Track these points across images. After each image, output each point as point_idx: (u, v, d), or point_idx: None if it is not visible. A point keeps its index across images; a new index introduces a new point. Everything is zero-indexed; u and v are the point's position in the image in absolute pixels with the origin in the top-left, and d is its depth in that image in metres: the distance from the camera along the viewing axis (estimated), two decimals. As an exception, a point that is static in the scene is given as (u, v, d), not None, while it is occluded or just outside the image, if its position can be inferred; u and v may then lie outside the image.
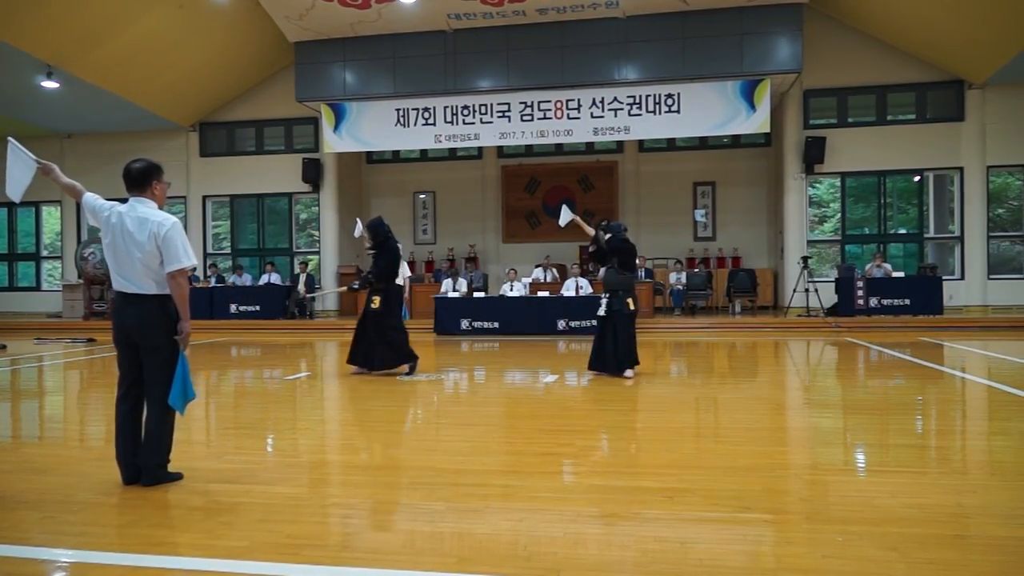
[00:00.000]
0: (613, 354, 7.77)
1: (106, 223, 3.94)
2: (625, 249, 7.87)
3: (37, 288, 20.60)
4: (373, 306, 8.11)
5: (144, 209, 3.91)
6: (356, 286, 8.61)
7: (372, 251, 8.33)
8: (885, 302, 14.27)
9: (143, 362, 3.94)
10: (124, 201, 4.01)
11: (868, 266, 15.27)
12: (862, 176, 16.96)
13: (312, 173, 17.91)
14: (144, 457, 3.92)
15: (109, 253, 3.93)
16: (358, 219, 9.63)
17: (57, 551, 3.06)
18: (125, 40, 14.81)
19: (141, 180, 3.98)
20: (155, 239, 3.83)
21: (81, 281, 17.18)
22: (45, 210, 20.66)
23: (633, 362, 7.80)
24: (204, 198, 19.23)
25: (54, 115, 17.90)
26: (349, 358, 8.23)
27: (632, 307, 7.78)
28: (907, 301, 14.23)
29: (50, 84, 15.30)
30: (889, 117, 16.59)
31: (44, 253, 20.81)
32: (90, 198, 4.04)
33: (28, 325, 16.24)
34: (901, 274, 14.79)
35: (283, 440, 5.31)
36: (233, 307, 16.07)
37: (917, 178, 16.79)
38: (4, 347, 11.95)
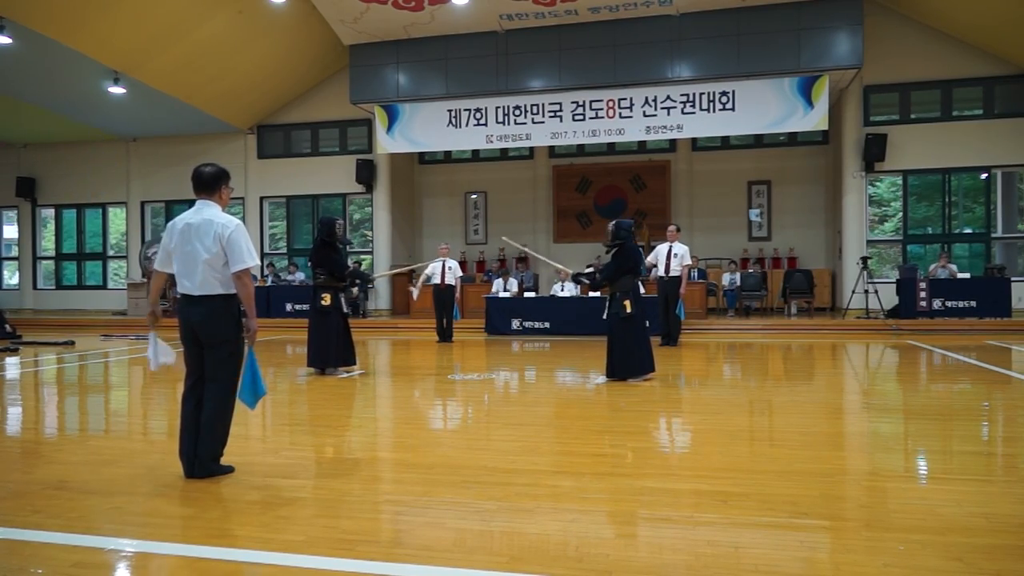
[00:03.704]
0: (613, 360, 7.55)
1: (170, 232, 4.09)
2: (626, 249, 7.64)
3: (103, 286, 21.37)
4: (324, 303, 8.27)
5: (210, 212, 4.06)
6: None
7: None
8: (949, 304, 13.79)
9: (211, 360, 4.07)
10: (190, 204, 4.17)
11: (932, 267, 14.78)
12: (925, 174, 16.42)
13: (365, 174, 18.17)
14: (199, 449, 4.05)
15: (176, 257, 4.06)
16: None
17: (122, 540, 3.17)
18: (187, 46, 15.26)
19: (211, 184, 4.14)
20: (220, 240, 3.96)
21: (145, 280, 17.74)
22: (111, 211, 21.41)
23: (637, 370, 7.50)
24: (261, 199, 19.67)
25: (120, 120, 18.55)
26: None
27: (629, 310, 7.47)
28: (973, 303, 13.72)
29: (117, 90, 15.85)
30: (954, 113, 16.03)
31: (110, 253, 21.57)
32: (161, 261, 4.18)
33: (95, 322, 16.84)
34: (967, 275, 14.26)
35: (337, 436, 5.40)
36: (289, 306, 16.40)
37: (984, 175, 16.19)
38: (72, 343, 12.43)
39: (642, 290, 8.11)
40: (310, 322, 8.46)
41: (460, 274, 12.95)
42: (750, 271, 16.73)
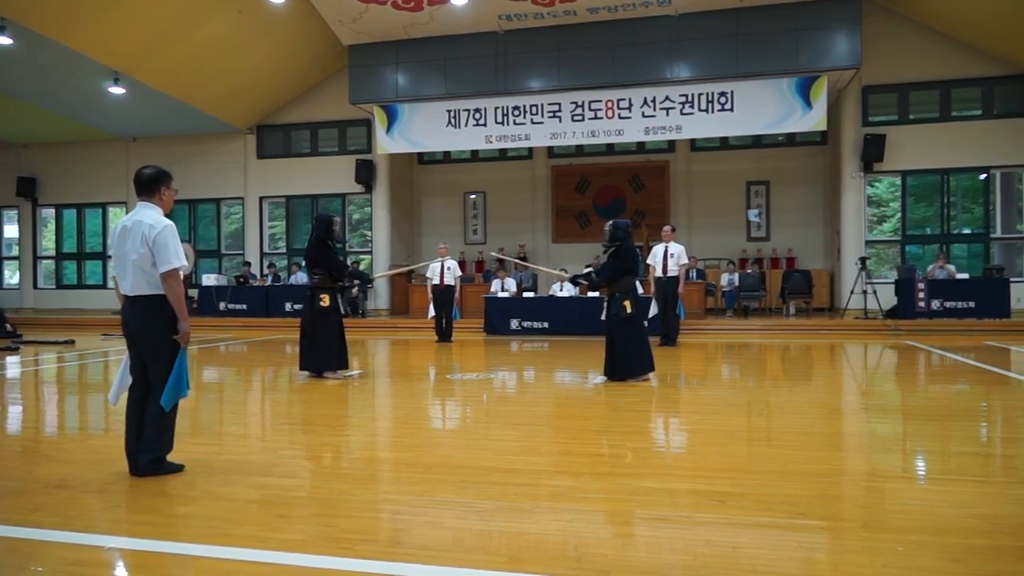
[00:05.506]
0: (614, 360, 7.53)
1: (113, 234, 4.19)
2: (624, 249, 7.65)
3: (103, 286, 21.34)
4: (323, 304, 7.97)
5: (144, 212, 4.09)
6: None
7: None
8: (948, 305, 13.79)
9: (145, 361, 4.10)
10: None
11: (930, 267, 14.79)
12: (924, 174, 16.44)
13: (365, 174, 18.17)
14: (140, 451, 4.07)
15: (116, 259, 4.13)
16: None
17: (122, 539, 3.18)
18: (187, 46, 15.26)
19: (150, 186, 4.17)
20: (146, 241, 3.97)
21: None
22: (111, 211, 21.40)
23: (636, 370, 7.51)
24: (261, 199, 19.67)
25: (120, 120, 18.54)
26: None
27: (629, 310, 7.47)
28: (971, 304, 13.72)
29: (117, 90, 15.86)
30: (953, 113, 16.05)
31: (110, 252, 21.50)
32: (113, 265, 4.27)
33: (94, 322, 16.83)
34: (965, 275, 14.27)
35: (336, 436, 5.40)
36: (288, 305, 16.40)
37: (983, 176, 16.21)
38: (72, 342, 12.43)
39: (640, 290, 8.12)
40: (304, 323, 8.08)
41: (459, 274, 12.96)
42: (749, 271, 16.73)
